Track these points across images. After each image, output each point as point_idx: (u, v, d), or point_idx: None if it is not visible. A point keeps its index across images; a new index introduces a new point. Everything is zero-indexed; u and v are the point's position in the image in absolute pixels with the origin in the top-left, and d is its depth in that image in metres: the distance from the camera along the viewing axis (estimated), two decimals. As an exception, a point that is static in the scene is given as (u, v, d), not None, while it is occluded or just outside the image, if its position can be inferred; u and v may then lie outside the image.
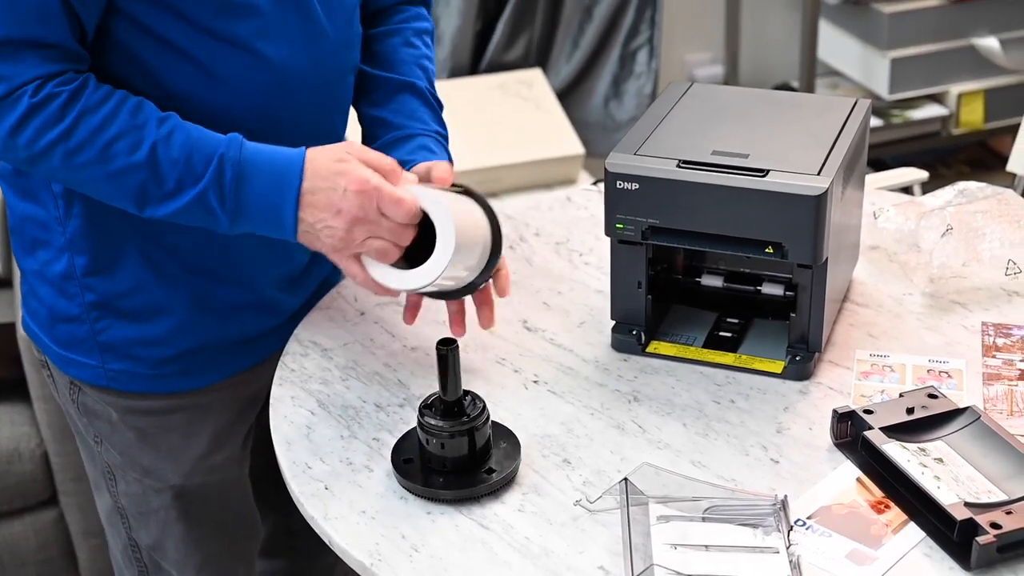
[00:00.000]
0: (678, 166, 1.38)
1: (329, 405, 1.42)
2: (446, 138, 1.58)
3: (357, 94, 1.58)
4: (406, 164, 1.47)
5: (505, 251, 1.66)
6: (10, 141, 1.31)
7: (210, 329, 1.52)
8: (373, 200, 1.31)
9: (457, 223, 1.33)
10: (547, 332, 1.53)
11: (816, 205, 1.33)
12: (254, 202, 1.32)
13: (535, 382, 1.44)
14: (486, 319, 1.45)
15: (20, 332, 2.25)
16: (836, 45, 3.60)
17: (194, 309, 1.50)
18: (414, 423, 1.36)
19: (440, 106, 1.60)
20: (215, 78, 1.37)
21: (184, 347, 1.51)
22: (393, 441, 1.35)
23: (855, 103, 1.51)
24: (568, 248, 1.69)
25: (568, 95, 3.35)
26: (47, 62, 1.29)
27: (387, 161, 1.35)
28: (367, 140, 1.56)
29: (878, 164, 3.42)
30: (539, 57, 3.35)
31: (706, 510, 1.24)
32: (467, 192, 1.43)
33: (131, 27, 1.34)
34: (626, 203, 1.40)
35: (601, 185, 1.41)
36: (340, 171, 1.32)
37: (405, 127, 1.54)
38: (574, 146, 3.01)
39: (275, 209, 1.33)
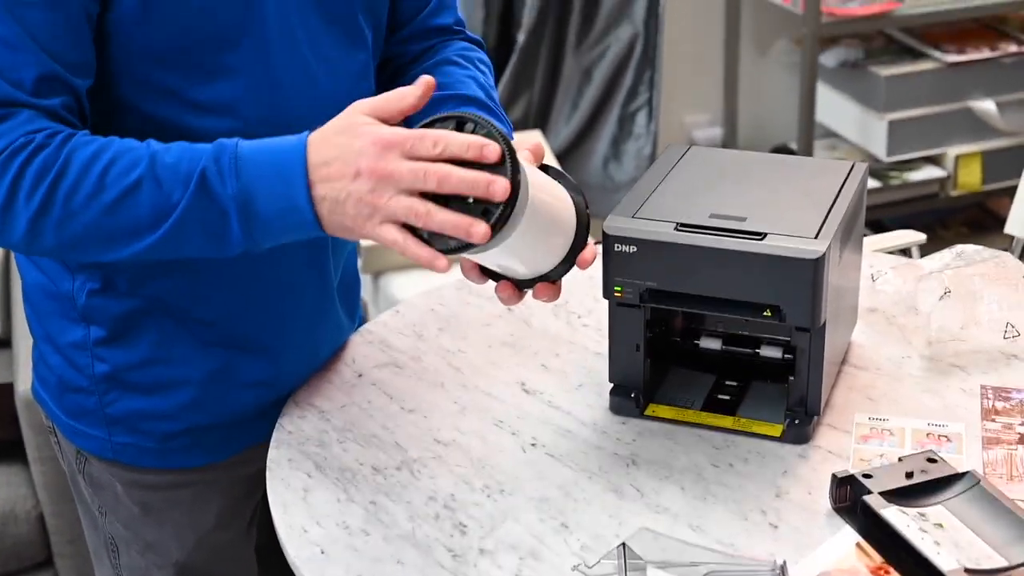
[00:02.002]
0: (676, 229, 1.38)
1: (326, 468, 1.41)
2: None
3: None
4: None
5: (502, 313, 1.67)
6: (10, 201, 1.22)
7: (223, 404, 1.48)
8: (394, 148, 1.18)
9: (534, 193, 1.21)
10: (545, 394, 1.53)
11: (814, 268, 1.33)
12: (259, 182, 1.20)
13: (533, 445, 1.44)
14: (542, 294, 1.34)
15: (18, 393, 2.25)
16: (834, 107, 3.63)
17: (209, 383, 1.46)
18: (411, 486, 1.36)
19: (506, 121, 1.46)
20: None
21: (194, 422, 1.47)
22: (390, 504, 1.34)
23: (852, 166, 1.52)
24: (567, 310, 1.69)
25: (567, 156, 3.37)
26: (39, 120, 1.23)
27: (403, 96, 1.22)
28: None
29: (876, 226, 3.43)
30: (538, 118, 3.37)
31: (705, 575, 1.23)
32: (560, 175, 1.31)
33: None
34: (624, 266, 1.40)
35: (599, 247, 1.41)
36: (353, 133, 1.20)
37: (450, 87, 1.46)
38: (573, 207, 3.01)
39: (285, 184, 1.19)
